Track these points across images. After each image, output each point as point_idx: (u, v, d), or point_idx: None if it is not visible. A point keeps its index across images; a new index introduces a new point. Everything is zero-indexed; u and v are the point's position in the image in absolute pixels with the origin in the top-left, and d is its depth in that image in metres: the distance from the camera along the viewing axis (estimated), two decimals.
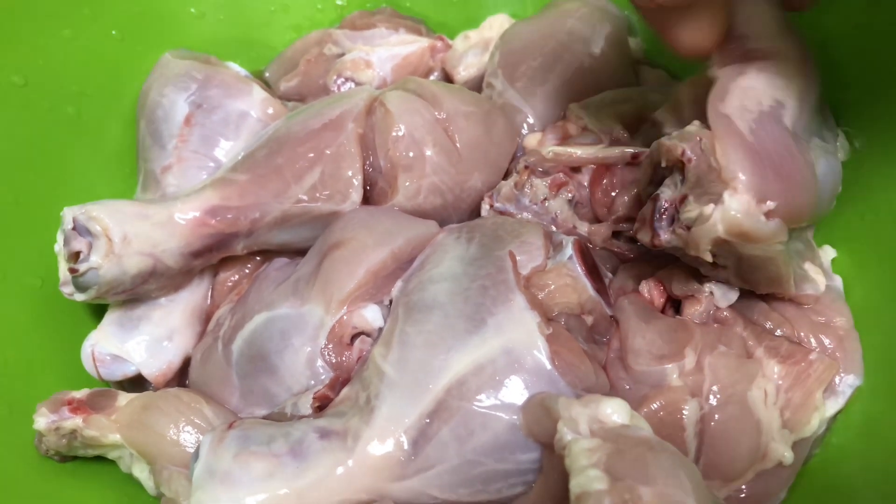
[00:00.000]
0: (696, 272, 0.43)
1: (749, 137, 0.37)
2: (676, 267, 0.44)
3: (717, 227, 0.37)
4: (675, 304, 0.46)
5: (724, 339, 0.42)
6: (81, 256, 0.45)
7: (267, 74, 0.66)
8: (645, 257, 0.48)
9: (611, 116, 0.52)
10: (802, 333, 0.43)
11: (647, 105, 0.52)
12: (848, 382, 0.43)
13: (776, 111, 0.39)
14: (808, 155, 0.39)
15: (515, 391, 0.38)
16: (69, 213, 0.46)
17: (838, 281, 0.46)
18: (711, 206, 0.37)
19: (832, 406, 0.42)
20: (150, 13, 0.61)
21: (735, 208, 0.36)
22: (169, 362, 0.49)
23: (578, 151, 0.49)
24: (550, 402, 0.35)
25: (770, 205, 0.36)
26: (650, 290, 0.46)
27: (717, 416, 0.39)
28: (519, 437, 0.37)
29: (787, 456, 0.40)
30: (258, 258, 0.52)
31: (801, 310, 0.44)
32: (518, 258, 0.42)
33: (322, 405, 0.42)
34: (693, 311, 0.44)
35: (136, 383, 0.49)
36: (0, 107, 0.53)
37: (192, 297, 0.51)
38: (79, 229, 0.45)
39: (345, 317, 0.43)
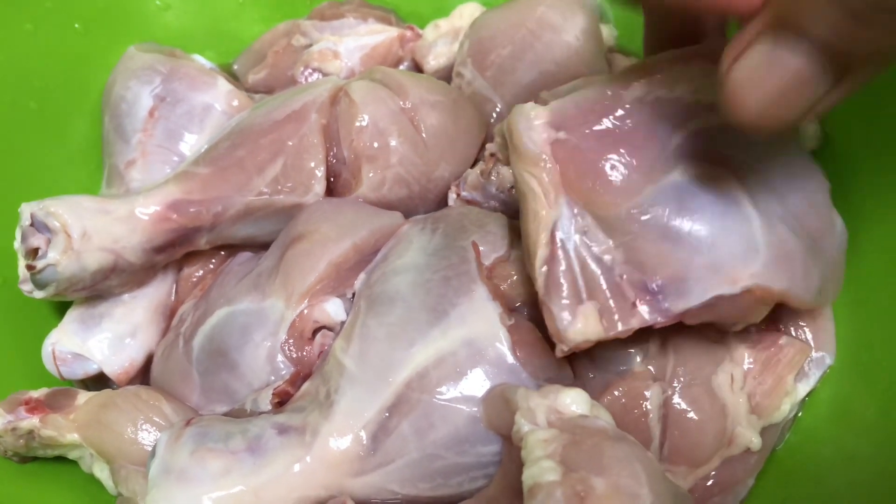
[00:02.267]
0: None
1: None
2: None
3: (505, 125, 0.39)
4: None
5: None
6: (40, 253, 0.44)
7: (235, 67, 0.65)
8: None
9: None
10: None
11: None
12: (820, 361, 0.42)
13: None
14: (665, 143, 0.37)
15: (477, 383, 0.37)
16: (27, 209, 0.45)
17: None
18: None
19: (803, 388, 0.42)
20: (114, 6, 0.60)
21: (515, 113, 0.37)
22: (132, 360, 0.48)
23: None
24: (509, 393, 0.35)
25: (562, 135, 0.37)
26: None
27: (680, 400, 0.39)
28: (479, 429, 0.37)
29: (755, 442, 0.39)
30: (223, 253, 0.51)
31: None
32: (481, 248, 0.42)
33: (282, 401, 0.41)
34: None
35: (99, 381, 0.48)
36: None
37: (156, 293, 0.50)
38: (37, 225, 0.45)
39: (306, 311, 0.43)
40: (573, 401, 0.33)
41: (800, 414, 0.43)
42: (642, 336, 0.40)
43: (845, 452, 0.40)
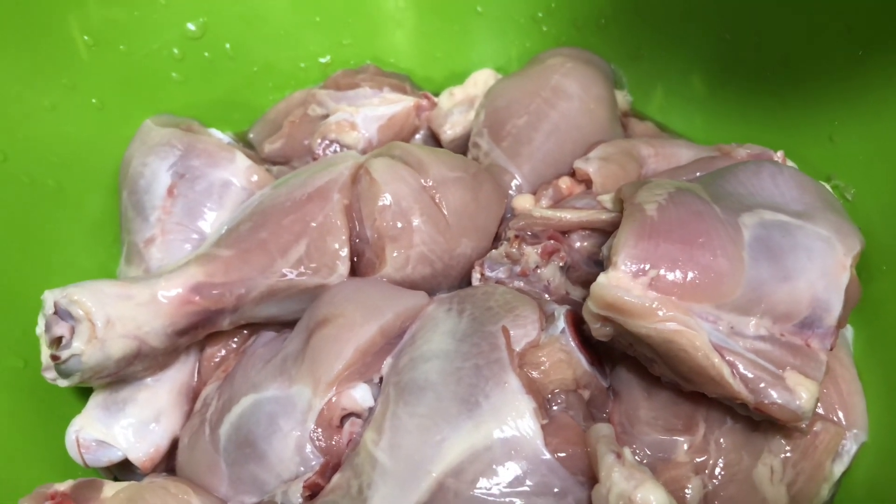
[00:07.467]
0: None
1: (651, 214, 0.39)
2: None
3: (589, 302, 0.38)
4: None
5: (730, 412, 0.41)
6: (64, 342, 0.44)
7: (251, 136, 0.65)
8: None
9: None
10: None
11: None
12: (853, 439, 0.42)
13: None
14: (729, 217, 0.40)
15: (513, 479, 0.37)
16: (50, 297, 0.44)
17: (849, 331, 0.46)
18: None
19: (839, 468, 0.41)
20: (130, 80, 0.60)
21: (602, 281, 0.37)
22: (157, 445, 0.47)
23: (567, 215, 0.48)
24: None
25: (653, 272, 0.37)
26: None
27: (721, 494, 0.39)
28: None
29: None
30: (245, 331, 0.51)
31: None
32: (512, 332, 0.41)
33: (313, 493, 0.41)
34: None
35: (124, 467, 0.48)
36: None
37: (179, 375, 0.49)
38: (60, 313, 0.44)
39: (333, 398, 0.42)
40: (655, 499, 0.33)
41: (836, 494, 0.43)
42: (690, 427, 0.40)
43: None
